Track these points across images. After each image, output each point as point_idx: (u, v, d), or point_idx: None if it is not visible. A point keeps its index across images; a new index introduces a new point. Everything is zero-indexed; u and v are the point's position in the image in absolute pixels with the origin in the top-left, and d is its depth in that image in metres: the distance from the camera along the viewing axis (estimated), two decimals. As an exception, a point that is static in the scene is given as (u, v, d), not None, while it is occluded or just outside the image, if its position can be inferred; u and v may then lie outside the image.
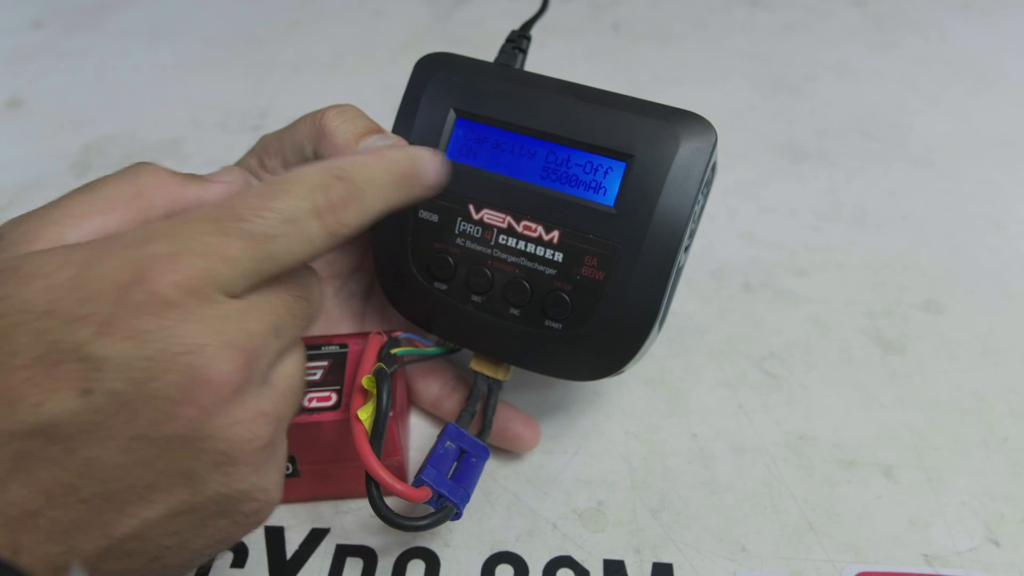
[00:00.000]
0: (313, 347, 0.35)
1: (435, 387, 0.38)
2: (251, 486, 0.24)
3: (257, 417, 0.23)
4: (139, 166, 0.27)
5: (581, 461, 0.38)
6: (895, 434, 0.39)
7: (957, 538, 0.34)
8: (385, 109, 0.34)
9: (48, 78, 0.70)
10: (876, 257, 0.50)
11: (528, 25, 0.36)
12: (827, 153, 0.60)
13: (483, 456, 0.33)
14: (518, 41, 0.36)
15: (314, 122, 0.32)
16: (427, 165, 0.29)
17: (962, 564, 0.33)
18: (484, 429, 0.34)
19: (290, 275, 0.25)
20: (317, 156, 0.32)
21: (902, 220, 0.54)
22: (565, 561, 0.33)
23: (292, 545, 0.34)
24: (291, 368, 0.25)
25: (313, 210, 0.24)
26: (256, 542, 0.34)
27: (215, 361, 0.22)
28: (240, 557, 0.33)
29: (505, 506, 0.36)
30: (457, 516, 0.31)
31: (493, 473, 0.37)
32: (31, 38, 0.77)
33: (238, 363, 0.22)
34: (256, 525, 0.25)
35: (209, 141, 0.61)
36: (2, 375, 0.20)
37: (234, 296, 0.23)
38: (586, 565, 0.33)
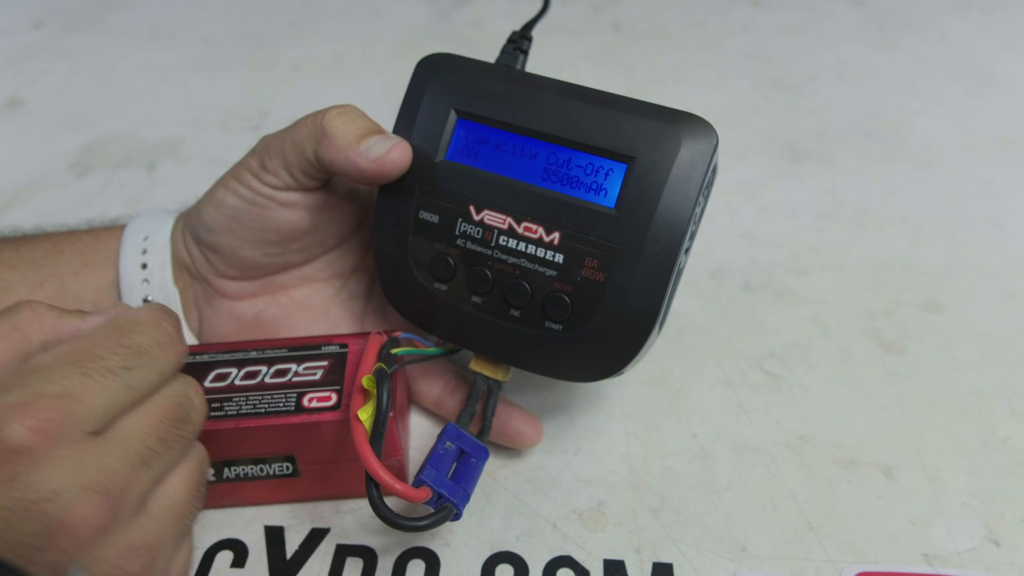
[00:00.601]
0: (313, 347, 0.35)
1: (437, 387, 0.38)
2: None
3: (125, 552, 0.24)
4: (20, 304, 0.28)
5: (581, 461, 0.38)
6: (895, 434, 0.39)
7: (957, 538, 0.34)
8: (385, 109, 0.34)
9: (48, 78, 0.70)
10: (876, 257, 0.50)
11: (529, 26, 0.36)
12: (827, 153, 0.60)
13: (483, 457, 0.33)
14: (519, 42, 0.36)
15: (315, 123, 0.32)
16: None
17: (962, 564, 0.33)
18: (484, 430, 0.34)
19: (158, 397, 0.27)
20: (318, 156, 0.32)
21: (902, 220, 0.54)
22: (565, 561, 0.33)
23: (292, 545, 0.34)
24: (173, 490, 0.27)
25: (158, 343, 0.27)
26: (256, 542, 0.34)
27: (73, 506, 0.22)
28: (240, 557, 0.33)
29: (505, 506, 0.36)
30: (457, 517, 0.31)
31: (493, 473, 0.37)
32: (31, 38, 0.77)
33: (98, 505, 0.23)
34: None
35: (209, 141, 0.61)
36: None
37: (95, 432, 0.24)
38: (586, 565, 0.33)
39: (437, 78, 0.33)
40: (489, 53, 0.36)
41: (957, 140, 0.62)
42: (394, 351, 0.33)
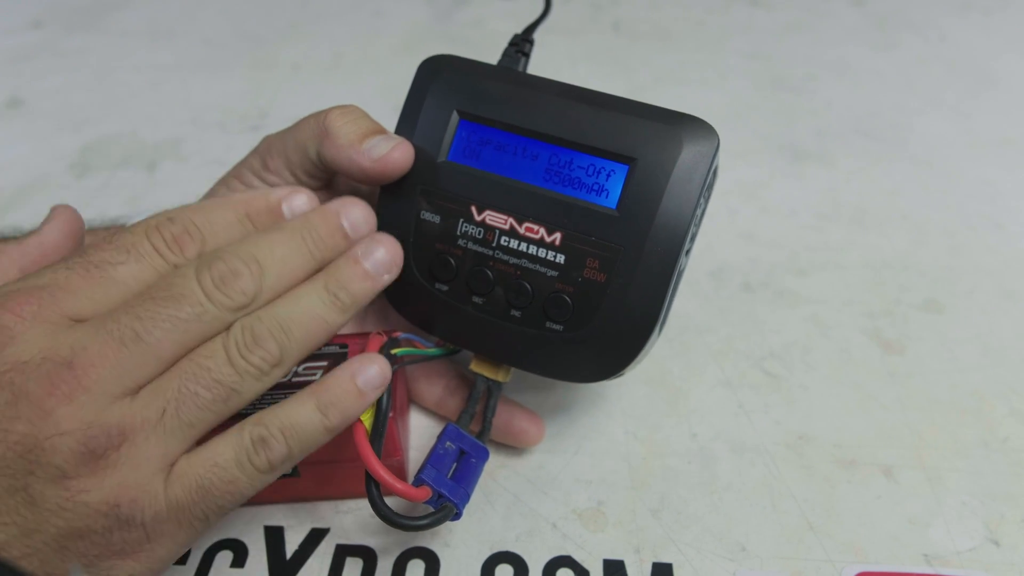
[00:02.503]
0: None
1: (438, 387, 0.38)
2: (99, 499, 0.24)
3: (93, 428, 0.24)
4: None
5: (581, 461, 0.38)
6: (895, 434, 0.39)
7: (957, 538, 0.34)
8: (385, 109, 0.34)
9: (48, 78, 0.70)
10: (876, 257, 0.50)
11: (531, 29, 0.36)
12: (827, 153, 0.60)
13: (483, 457, 0.33)
14: (521, 44, 0.36)
15: (318, 122, 0.32)
16: (292, 197, 0.30)
17: (962, 564, 0.33)
18: (484, 430, 0.34)
19: (150, 287, 0.26)
20: (320, 156, 0.32)
21: (902, 220, 0.54)
22: (565, 561, 0.33)
23: (292, 545, 0.34)
24: (163, 383, 0.25)
25: (151, 246, 0.27)
26: (256, 542, 0.34)
27: (37, 375, 0.23)
28: (240, 557, 0.33)
29: (505, 506, 0.36)
30: (457, 516, 0.31)
31: (493, 473, 0.37)
32: (31, 38, 0.77)
33: (63, 376, 0.23)
34: (143, 556, 0.25)
35: (209, 141, 0.61)
36: None
37: (78, 319, 0.25)
38: (586, 565, 0.33)
39: (439, 79, 0.33)
40: (489, 53, 0.36)
41: (957, 140, 0.62)
42: (394, 351, 0.33)
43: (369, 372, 0.29)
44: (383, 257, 0.30)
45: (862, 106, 0.66)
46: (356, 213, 0.30)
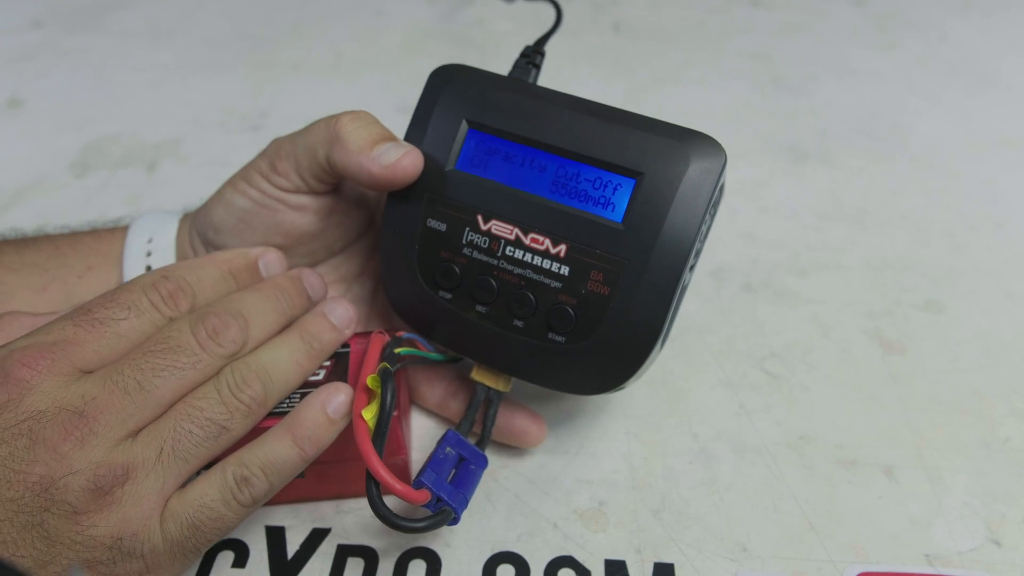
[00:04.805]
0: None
1: (439, 389, 0.38)
2: (105, 532, 0.26)
3: (100, 466, 0.26)
4: (3, 316, 0.32)
5: (582, 461, 0.38)
6: (896, 434, 0.39)
7: (958, 538, 0.34)
8: (386, 109, 0.35)
9: (48, 78, 0.70)
10: (876, 257, 0.50)
11: (542, 41, 0.37)
12: (827, 153, 0.60)
13: (482, 465, 0.33)
14: (532, 56, 0.36)
15: (328, 127, 0.33)
16: (266, 257, 0.35)
17: (963, 564, 0.33)
18: (483, 439, 0.34)
19: (150, 340, 0.29)
20: (330, 160, 0.33)
21: (902, 220, 0.54)
22: (566, 561, 0.33)
23: (293, 545, 0.34)
24: (160, 426, 0.28)
25: (149, 303, 0.30)
26: (257, 542, 0.34)
27: (53, 423, 0.26)
28: (241, 557, 0.33)
29: (506, 506, 0.36)
30: (455, 521, 0.31)
31: (494, 473, 0.37)
32: (31, 38, 0.77)
33: (75, 422, 0.26)
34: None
35: (209, 141, 0.61)
36: None
37: (88, 371, 0.28)
38: (587, 565, 0.33)
39: (450, 88, 0.33)
40: (490, 53, 0.36)
41: (957, 140, 0.62)
42: (397, 350, 0.33)
43: (337, 400, 0.31)
44: (344, 314, 0.34)
45: (862, 106, 0.66)
46: (314, 280, 0.35)
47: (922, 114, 0.65)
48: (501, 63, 0.36)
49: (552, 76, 0.33)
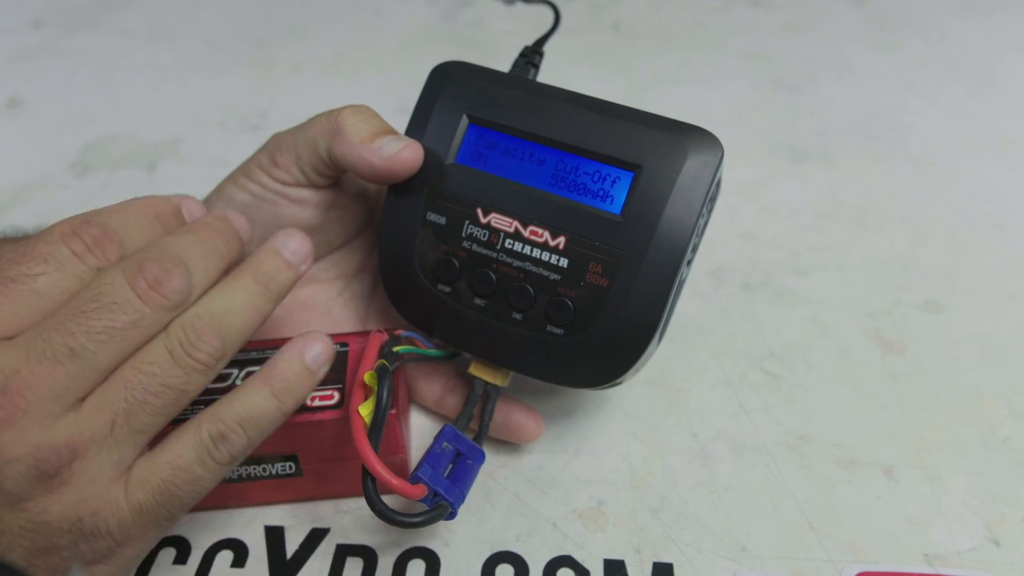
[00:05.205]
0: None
1: (437, 386, 0.38)
2: (59, 516, 0.24)
3: (40, 448, 0.23)
4: None
5: (581, 461, 0.38)
6: (895, 434, 0.39)
7: (957, 538, 0.34)
8: (386, 109, 0.35)
9: (48, 78, 0.70)
10: (876, 257, 0.50)
11: (541, 42, 0.37)
12: (827, 153, 0.60)
13: (479, 459, 0.33)
14: (531, 56, 0.37)
15: (330, 120, 0.33)
16: (188, 204, 0.31)
17: (962, 564, 0.33)
18: (480, 433, 0.34)
19: (72, 304, 0.25)
20: (331, 153, 0.33)
21: (902, 220, 0.54)
22: (565, 561, 0.33)
23: (292, 545, 0.34)
24: (107, 394, 0.25)
25: (70, 252, 0.26)
26: (256, 542, 0.34)
27: None
28: (240, 557, 0.33)
29: (505, 506, 0.36)
30: (452, 516, 0.31)
31: (493, 473, 0.37)
32: (31, 38, 0.77)
33: (2, 408, 0.23)
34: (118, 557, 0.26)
35: (209, 141, 0.61)
36: None
37: (5, 337, 0.24)
38: (586, 565, 0.33)
39: (450, 84, 0.33)
40: (490, 53, 0.36)
41: (957, 140, 0.62)
42: (395, 349, 0.33)
43: (314, 350, 0.29)
44: (299, 248, 0.30)
45: (862, 106, 0.66)
46: (241, 221, 0.31)
47: (922, 114, 0.65)
48: (501, 63, 0.36)
49: (552, 76, 0.33)
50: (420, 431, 0.39)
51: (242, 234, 0.31)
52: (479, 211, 0.32)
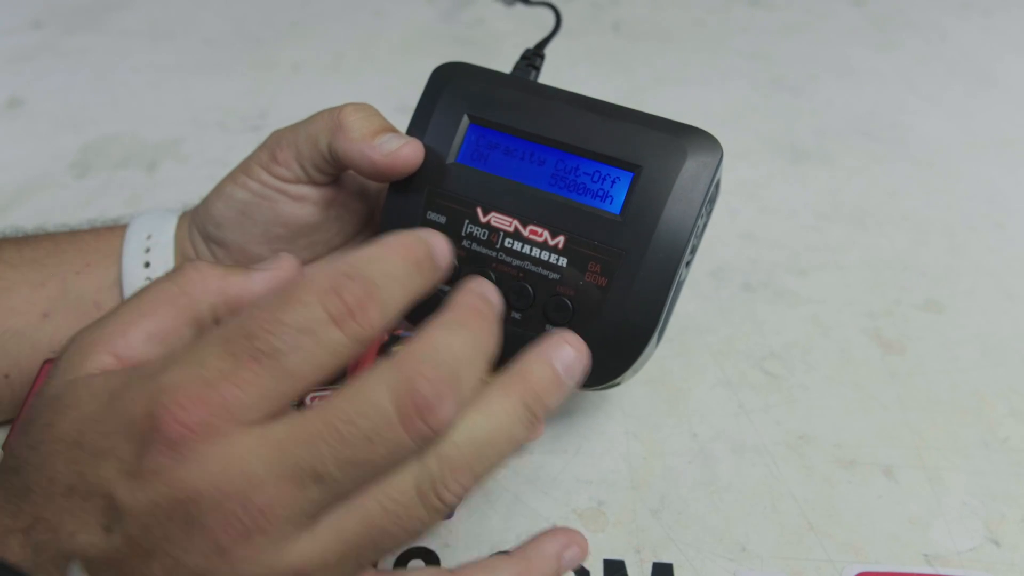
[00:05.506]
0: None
1: None
2: None
3: (268, 571, 0.21)
4: (184, 265, 0.26)
5: (581, 461, 0.38)
6: (895, 434, 0.39)
7: (957, 538, 0.34)
8: (386, 110, 0.35)
9: (48, 78, 0.70)
10: (876, 257, 0.50)
11: (542, 44, 0.38)
12: (827, 153, 0.60)
13: None
14: (532, 59, 0.37)
15: (331, 116, 0.33)
16: (437, 244, 0.25)
17: (962, 564, 0.33)
18: None
19: (339, 396, 0.22)
20: (332, 150, 0.33)
21: (902, 220, 0.54)
22: (565, 561, 0.33)
23: (292, 545, 0.34)
24: (344, 521, 0.22)
25: (329, 318, 0.22)
26: (256, 542, 0.34)
27: (212, 511, 0.20)
28: (240, 557, 0.33)
29: (505, 506, 0.36)
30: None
31: (493, 473, 0.37)
32: (31, 38, 0.77)
33: (235, 513, 0.20)
34: None
35: (209, 141, 0.61)
36: (45, 500, 0.21)
37: (252, 423, 0.21)
38: (586, 565, 0.33)
39: (452, 84, 0.34)
40: (490, 53, 0.36)
41: (957, 140, 0.62)
42: (396, 349, 0.33)
43: (567, 356, 0.25)
44: (571, 362, 0.25)
45: (862, 106, 0.66)
46: (494, 297, 0.26)
47: (922, 114, 0.65)
48: (501, 63, 0.36)
49: (552, 76, 0.33)
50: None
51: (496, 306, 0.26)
52: (479, 210, 0.32)
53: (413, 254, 0.24)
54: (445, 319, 0.24)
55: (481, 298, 0.25)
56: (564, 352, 0.25)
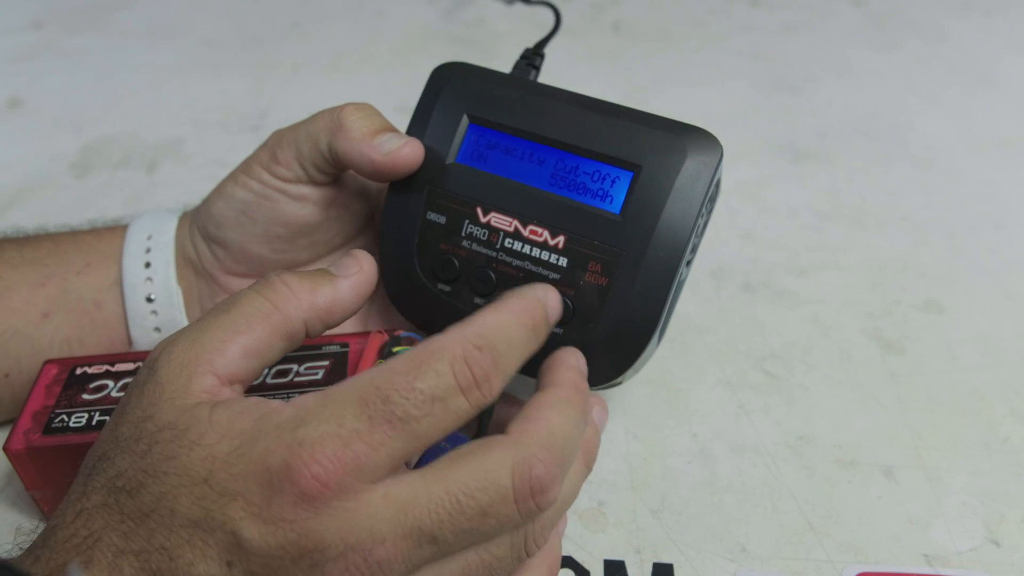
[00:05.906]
0: (314, 347, 0.35)
1: None
2: None
3: None
4: (269, 279, 0.27)
5: (581, 461, 0.38)
6: (895, 434, 0.39)
7: (957, 538, 0.34)
8: (386, 110, 0.35)
9: (48, 78, 0.70)
10: (876, 257, 0.50)
11: (542, 44, 0.37)
12: (827, 153, 0.60)
13: None
14: (532, 58, 0.37)
15: (332, 116, 0.33)
16: (551, 303, 0.27)
17: (962, 564, 0.33)
18: (480, 433, 0.34)
19: (462, 467, 0.24)
20: (332, 149, 0.33)
21: (902, 220, 0.54)
22: (566, 561, 0.33)
23: (292, 545, 0.34)
24: (443, 572, 0.24)
25: (458, 387, 0.23)
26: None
27: (336, 560, 0.22)
28: (241, 557, 0.33)
29: (505, 506, 0.35)
30: None
31: (493, 473, 0.37)
32: (31, 38, 0.77)
33: (360, 570, 0.22)
34: None
35: (209, 141, 0.61)
36: (164, 530, 0.22)
37: (377, 480, 0.23)
38: (587, 565, 0.33)
39: (451, 84, 0.34)
40: (490, 53, 0.36)
41: (957, 140, 0.62)
42: (395, 349, 0.33)
43: (602, 418, 0.30)
44: (604, 418, 0.31)
45: (862, 106, 0.66)
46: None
47: (922, 114, 0.65)
48: (501, 63, 0.36)
49: (552, 76, 0.33)
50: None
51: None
52: (479, 210, 0.32)
53: (532, 320, 0.26)
54: (555, 399, 0.27)
55: (581, 374, 0.29)
56: (602, 415, 0.31)
